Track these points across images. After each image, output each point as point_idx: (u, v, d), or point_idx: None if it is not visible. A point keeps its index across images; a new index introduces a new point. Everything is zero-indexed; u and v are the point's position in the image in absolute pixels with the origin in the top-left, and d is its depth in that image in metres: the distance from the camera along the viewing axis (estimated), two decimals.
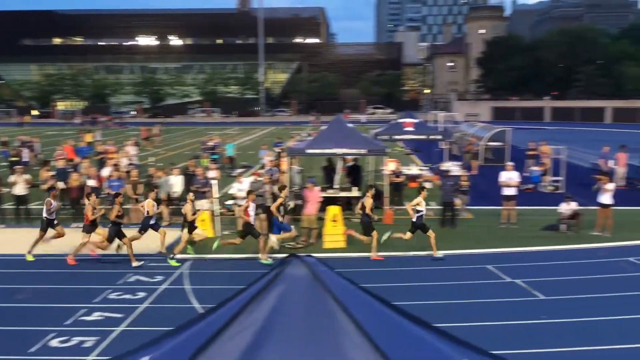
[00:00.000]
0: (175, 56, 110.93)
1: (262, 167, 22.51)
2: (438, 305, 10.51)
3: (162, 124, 56.24)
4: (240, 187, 16.16)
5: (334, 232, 14.60)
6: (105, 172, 18.46)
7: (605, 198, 15.49)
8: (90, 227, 13.03)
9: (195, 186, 16.49)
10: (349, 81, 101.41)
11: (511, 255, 13.87)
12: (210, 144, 29.80)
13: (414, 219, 13.51)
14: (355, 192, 18.52)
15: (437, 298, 10.84)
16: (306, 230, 14.81)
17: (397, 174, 19.52)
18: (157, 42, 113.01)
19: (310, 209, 14.77)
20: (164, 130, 50.01)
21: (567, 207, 16.07)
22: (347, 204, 17.93)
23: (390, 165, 19.52)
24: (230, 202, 17.66)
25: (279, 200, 13.95)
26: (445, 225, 16.49)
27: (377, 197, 19.21)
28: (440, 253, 13.43)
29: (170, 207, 17.23)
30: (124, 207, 14.32)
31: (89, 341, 8.87)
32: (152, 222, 13.44)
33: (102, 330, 9.28)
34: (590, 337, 9.07)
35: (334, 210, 14.84)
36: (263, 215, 14.95)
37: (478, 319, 9.79)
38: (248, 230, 13.13)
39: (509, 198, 16.80)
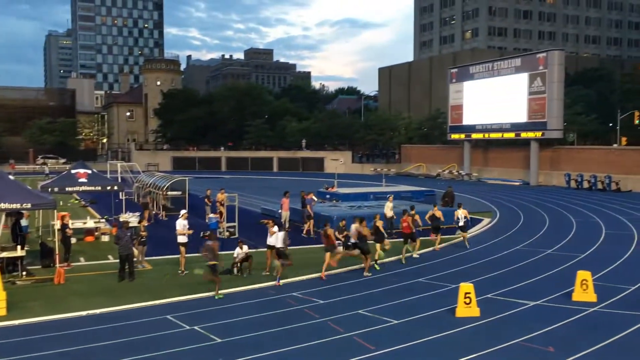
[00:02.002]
0: None
1: None
2: None
3: None
4: None
5: None
6: None
7: (272, 240, 17.07)
8: None
9: None
10: (13, 128, 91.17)
11: (189, 302, 14.10)
12: None
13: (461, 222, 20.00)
14: (19, 252, 16.63)
15: (118, 357, 10.34)
16: None
17: (63, 227, 18.28)
18: None
19: None
20: None
21: (240, 251, 17.19)
22: (10, 265, 15.97)
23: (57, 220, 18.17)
24: None
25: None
26: (123, 279, 15.96)
27: (48, 254, 17.68)
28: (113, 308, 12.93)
29: None
30: None
31: None
32: None
33: None
34: None
35: None
36: None
37: None
38: None
39: (184, 245, 17.23)
